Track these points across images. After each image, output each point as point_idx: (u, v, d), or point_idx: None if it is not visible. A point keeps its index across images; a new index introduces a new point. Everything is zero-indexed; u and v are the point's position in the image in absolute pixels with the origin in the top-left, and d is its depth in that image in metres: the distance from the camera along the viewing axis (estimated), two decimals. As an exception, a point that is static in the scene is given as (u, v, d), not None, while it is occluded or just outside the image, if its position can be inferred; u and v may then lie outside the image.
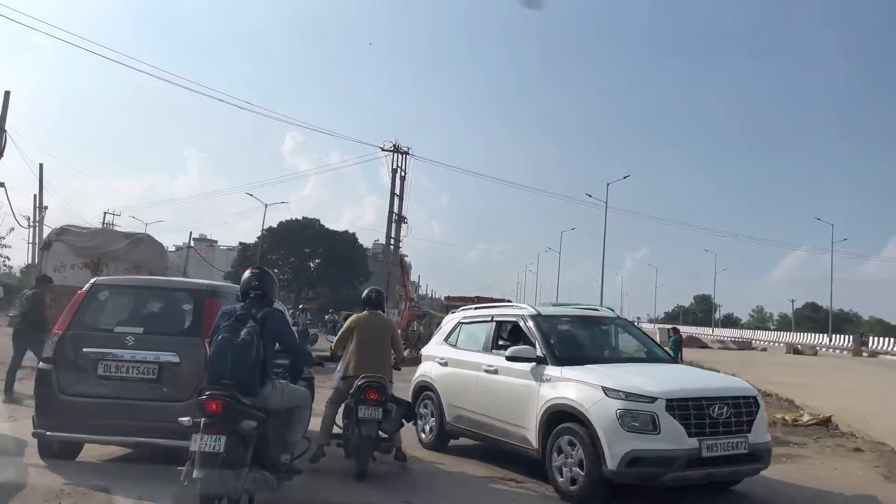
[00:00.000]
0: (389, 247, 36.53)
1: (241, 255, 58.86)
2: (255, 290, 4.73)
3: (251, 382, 4.35)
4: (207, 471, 3.97)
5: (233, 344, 4.35)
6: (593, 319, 7.47)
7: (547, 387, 5.89)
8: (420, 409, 7.65)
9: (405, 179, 36.25)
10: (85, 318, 5.76)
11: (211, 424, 4.06)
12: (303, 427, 5.08)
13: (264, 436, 4.39)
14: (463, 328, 7.81)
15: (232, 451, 4.07)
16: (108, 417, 5.40)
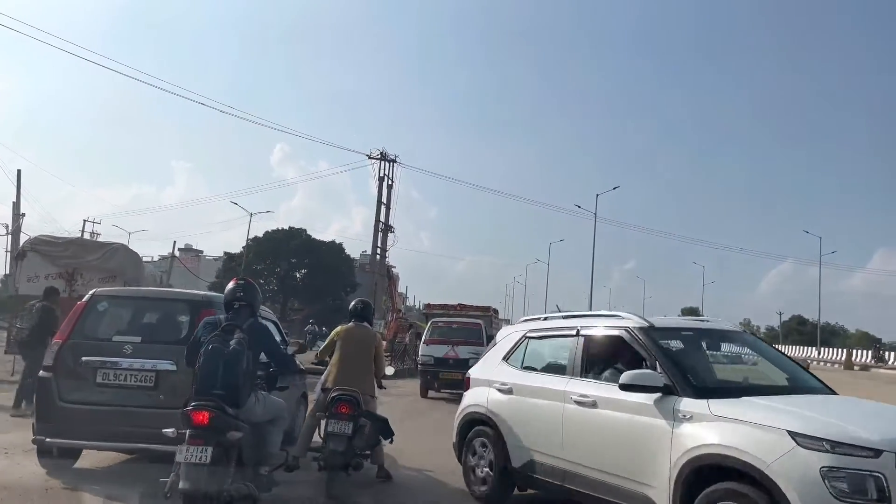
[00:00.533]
0: (376, 256, 36.39)
1: (227, 266, 58.65)
2: (240, 300, 4.73)
3: (241, 393, 4.31)
4: (192, 483, 3.95)
5: (223, 354, 4.28)
6: (720, 334, 5.67)
7: (687, 428, 4.25)
8: (471, 452, 6.15)
9: (392, 188, 36.16)
10: (84, 328, 5.94)
11: (197, 435, 4.04)
12: (280, 439, 5.01)
13: (245, 447, 4.35)
14: (531, 344, 6.20)
15: (217, 462, 4.05)
16: (106, 424, 5.54)
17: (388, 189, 36.18)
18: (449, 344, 15.89)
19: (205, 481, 3.98)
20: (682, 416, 4.32)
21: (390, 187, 36.18)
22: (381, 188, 36.10)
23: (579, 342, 5.50)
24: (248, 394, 4.41)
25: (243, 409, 4.34)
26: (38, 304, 9.85)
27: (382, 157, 35.91)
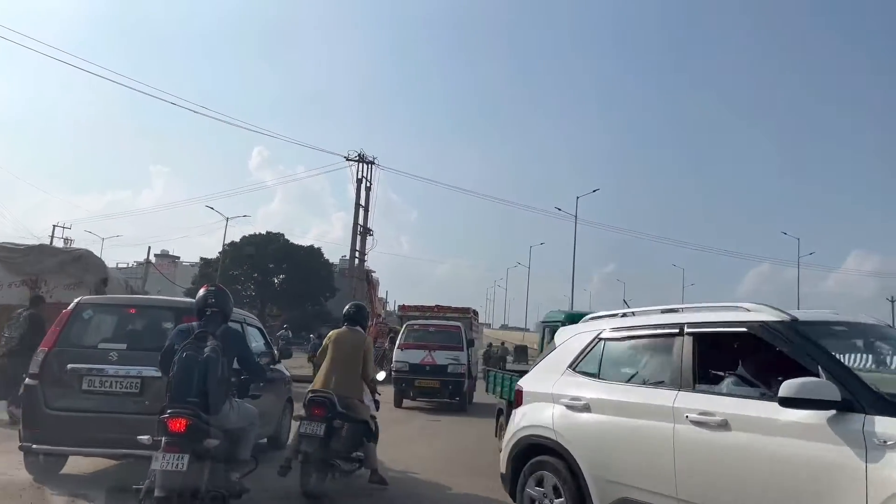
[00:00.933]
0: (354, 260, 35.96)
1: (203, 272, 58.11)
2: (212, 307, 4.68)
3: (216, 401, 4.29)
4: (169, 490, 3.94)
5: (198, 361, 4.27)
6: (874, 331, 4.28)
7: (891, 458, 2.98)
8: (530, 489, 4.88)
9: (371, 190, 35.56)
10: (70, 336, 6.03)
11: (173, 443, 4.03)
12: (251, 446, 5.00)
13: (218, 454, 4.37)
14: (609, 347, 4.87)
15: (193, 469, 4.05)
16: (92, 431, 5.62)
17: (366, 191, 35.56)
18: (426, 349, 15.10)
19: (180, 488, 3.97)
20: (877, 443, 3.05)
21: (368, 189, 35.57)
22: (360, 191, 35.44)
23: (686, 343, 4.19)
24: (222, 401, 4.40)
25: (218, 416, 4.34)
26: (26, 312, 9.77)
27: (360, 159, 35.30)
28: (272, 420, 7.84)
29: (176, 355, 4.36)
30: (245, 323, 7.29)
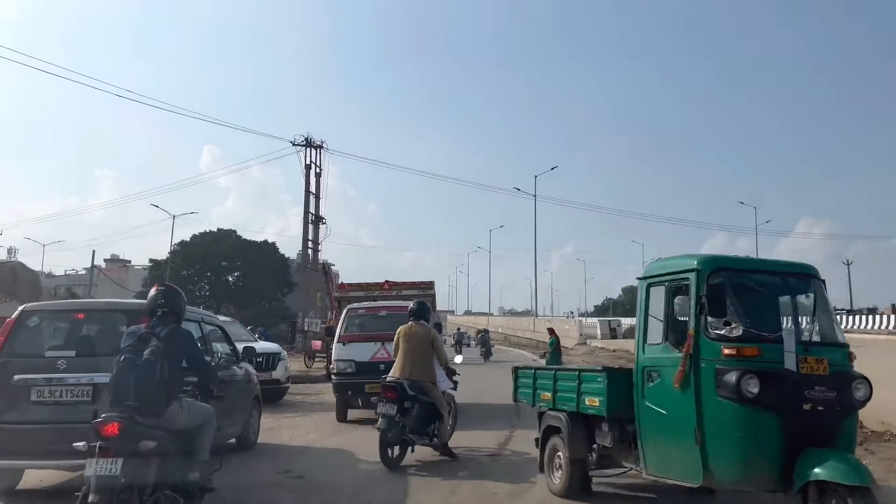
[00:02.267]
0: (307, 250, 34.94)
1: (153, 273, 56.60)
2: (162, 307, 4.69)
3: (156, 403, 4.29)
4: (104, 495, 3.89)
5: (135, 365, 4.27)
6: None
7: None
8: None
9: (321, 176, 34.45)
10: (14, 346, 5.79)
11: (106, 448, 4.00)
12: (209, 445, 4.88)
13: (170, 455, 4.31)
14: None
15: (131, 473, 3.99)
16: (45, 442, 5.42)
17: (316, 178, 34.43)
18: (376, 340, 10.73)
19: (117, 494, 3.93)
20: None
21: (318, 176, 34.49)
22: (309, 177, 34.17)
23: None
24: (165, 402, 4.36)
25: (163, 417, 4.31)
26: None
27: (307, 144, 33.94)
28: (238, 420, 7.70)
29: (116, 358, 4.37)
30: (203, 322, 7.13)
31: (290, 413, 11.78)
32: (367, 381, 9.98)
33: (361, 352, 10.75)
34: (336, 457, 7.73)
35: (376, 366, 9.93)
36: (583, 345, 33.52)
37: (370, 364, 10.32)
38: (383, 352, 10.24)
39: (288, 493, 5.97)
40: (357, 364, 10.68)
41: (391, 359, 8.57)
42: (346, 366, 10.78)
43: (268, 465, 7.02)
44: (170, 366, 4.39)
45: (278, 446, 8.38)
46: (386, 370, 9.22)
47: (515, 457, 7.69)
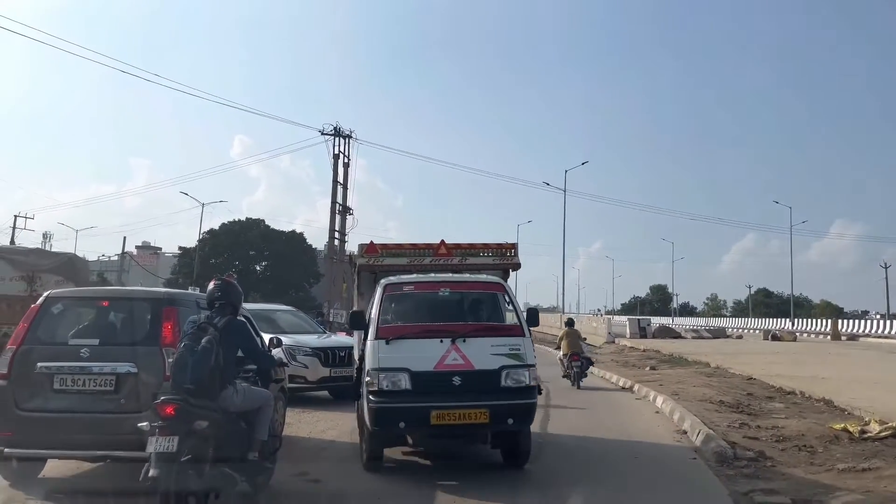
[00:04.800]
0: (334, 240, 34.91)
1: (182, 261, 57.34)
2: (219, 300, 5.09)
3: (210, 387, 4.66)
4: (163, 469, 4.25)
5: (193, 351, 4.67)
6: None
7: None
8: None
9: (349, 166, 34.25)
10: (39, 333, 5.69)
11: (165, 427, 4.38)
12: (267, 426, 5.27)
13: (227, 435, 4.70)
14: None
15: (189, 450, 4.36)
16: (66, 432, 5.34)
17: (344, 168, 34.23)
18: (440, 335, 6.51)
19: (177, 468, 4.29)
20: None
21: (347, 166, 34.31)
22: (337, 167, 33.98)
23: None
24: (219, 387, 4.72)
25: (218, 400, 4.70)
26: None
27: (336, 133, 33.82)
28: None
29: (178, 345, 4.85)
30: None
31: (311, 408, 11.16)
32: (436, 406, 6.10)
33: (419, 355, 6.36)
34: (356, 459, 7.28)
35: (447, 378, 6.18)
36: (611, 343, 32.97)
37: (437, 376, 6.20)
38: (456, 354, 6.28)
39: (300, 499, 5.75)
40: (414, 376, 6.24)
41: (471, 366, 6.17)
42: (396, 379, 6.24)
43: (283, 465, 6.09)
44: (224, 353, 4.78)
45: (296, 443, 7.98)
46: (465, 388, 6.11)
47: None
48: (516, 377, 6.23)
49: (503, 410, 6.14)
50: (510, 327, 6.69)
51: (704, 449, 7.40)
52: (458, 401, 6.10)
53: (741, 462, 6.69)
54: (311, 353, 11.31)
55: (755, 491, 5.68)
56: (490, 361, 6.27)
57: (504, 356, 6.30)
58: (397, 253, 8.18)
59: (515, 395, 6.22)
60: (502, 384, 6.19)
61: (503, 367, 6.26)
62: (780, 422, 8.96)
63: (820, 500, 5.48)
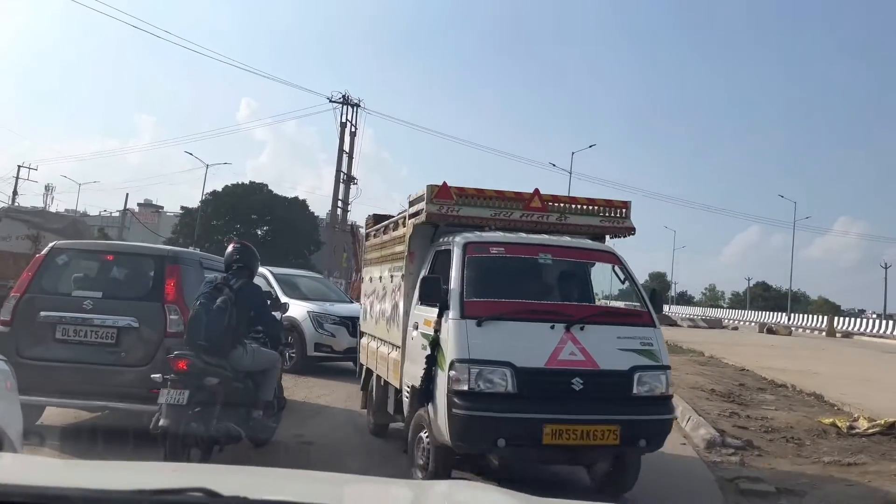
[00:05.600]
0: (337, 209, 35.01)
1: (183, 221, 57.28)
2: (237, 262, 5.28)
3: (222, 345, 4.89)
4: (172, 419, 4.53)
5: (209, 310, 4.88)
6: None
7: None
8: None
9: (355, 136, 34.26)
10: (43, 282, 5.76)
11: (177, 380, 4.64)
12: (273, 387, 5.52)
13: (234, 392, 4.97)
14: None
15: (197, 403, 4.64)
16: (66, 381, 5.42)
17: (350, 137, 34.23)
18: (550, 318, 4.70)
19: (185, 419, 4.56)
20: None
21: (353, 135, 34.29)
22: (343, 135, 33.99)
23: None
24: (230, 346, 4.95)
25: (229, 359, 4.93)
26: None
27: (344, 101, 33.75)
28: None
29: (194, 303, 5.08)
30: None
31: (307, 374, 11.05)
32: (552, 419, 4.44)
33: (525, 344, 4.63)
34: (348, 425, 7.52)
35: (565, 380, 4.51)
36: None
37: (551, 375, 4.54)
38: (574, 347, 4.61)
39: (296, 457, 5.85)
40: (520, 374, 4.49)
41: (596, 364, 4.53)
42: (496, 376, 4.47)
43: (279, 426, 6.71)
44: (238, 314, 4.96)
45: (291, 407, 8.19)
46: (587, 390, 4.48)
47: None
48: (651, 383, 4.69)
49: (636, 428, 4.60)
50: (637, 313, 5.13)
51: (693, 435, 7.49)
52: (580, 412, 4.48)
53: (729, 450, 6.78)
54: (339, 321, 10.87)
55: (741, 478, 5.76)
56: (618, 359, 4.66)
57: (634, 353, 4.72)
58: (478, 202, 5.46)
59: (650, 407, 4.70)
60: (634, 392, 4.61)
61: (635, 367, 4.65)
62: (770, 413, 9.04)
63: (803, 490, 5.57)
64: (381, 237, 6.85)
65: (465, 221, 5.35)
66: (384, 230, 6.74)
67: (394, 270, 6.07)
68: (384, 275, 6.50)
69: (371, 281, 7.22)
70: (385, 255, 6.53)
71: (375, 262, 7.06)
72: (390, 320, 6.00)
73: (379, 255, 6.86)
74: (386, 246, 6.53)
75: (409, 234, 5.63)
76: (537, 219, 5.52)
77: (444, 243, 5.30)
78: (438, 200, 5.34)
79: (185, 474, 1.68)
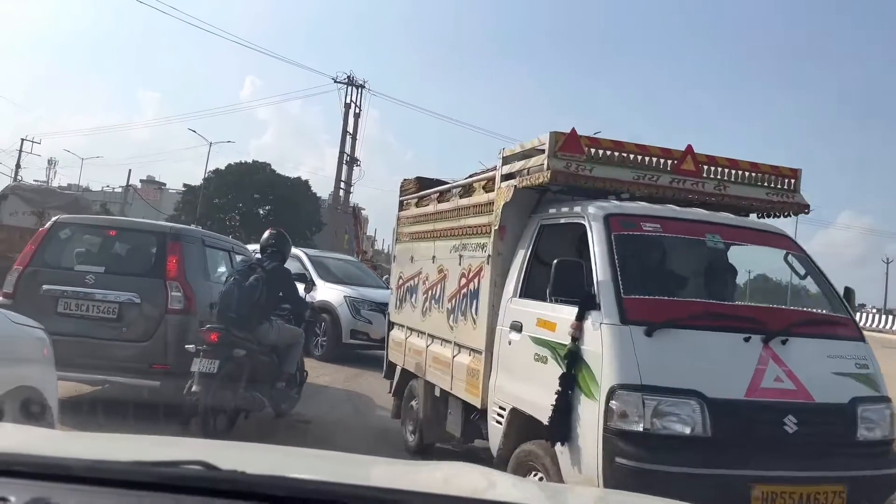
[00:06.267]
0: (339, 190, 35.10)
1: (185, 198, 57.24)
2: (272, 247, 5.75)
3: (249, 319, 5.27)
4: (203, 386, 4.93)
5: (241, 286, 5.29)
6: None
7: None
8: None
9: (360, 117, 34.36)
10: (45, 256, 5.80)
11: (208, 351, 5.03)
12: (296, 361, 5.94)
13: (260, 364, 5.38)
14: None
15: (226, 372, 5.02)
16: (67, 354, 5.43)
17: (354, 118, 34.28)
18: (743, 327, 3.32)
19: (215, 387, 4.96)
20: None
21: (357, 116, 34.36)
22: (347, 116, 34.01)
23: None
24: (258, 321, 5.33)
25: (256, 333, 5.30)
26: None
27: (349, 82, 33.69)
28: None
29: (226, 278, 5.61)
30: (233, 251, 7.08)
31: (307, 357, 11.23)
32: (762, 477, 3.10)
33: (713, 365, 3.29)
34: (346, 404, 7.62)
35: (774, 418, 3.20)
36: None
37: (756, 411, 3.20)
38: (778, 369, 3.28)
39: (294, 435, 5.90)
40: (713, 409, 3.09)
41: (808, 396, 3.28)
42: (681, 412, 3.07)
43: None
44: (267, 293, 5.36)
45: None
46: (802, 433, 3.15)
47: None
48: (876, 421, 3.37)
49: (863, 487, 3.25)
50: (840, 321, 3.78)
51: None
52: (798, 466, 3.17)
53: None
54: (376, 308, 9.90)
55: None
56: (834, 388, 3.37)
57: (851, 378, 3.41)
58: (614, 159, 4.01)
59: (876, 457, 3.39)
60: (858, 435, 3.34)
61: (856, 400, 3.35)
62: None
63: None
64: (433, 205, 5.48)
65: (599, 185, 3.91)
66: (441, 197, 5.40)
67: (467, 249, 4.69)
68: (443, 254, 5.10)
69: (412, 261, 5.82)
70: (446, 228, 5.15)
71: (421, 237, 5.72)
72: (459, 314, 4.69)
73: (430, 230, 5.48)
74: (446, 217, 5.17)
75: (503, 202, 4.18)
76: (691, 185, 4.04)
77: (558, 215, 4.00)
78: (565, 154, 3.88)
79: (184, 448, 1.71)
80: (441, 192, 5.48)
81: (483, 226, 4.45)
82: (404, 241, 6.22)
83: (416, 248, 5.79)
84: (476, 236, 4.57)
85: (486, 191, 4.57)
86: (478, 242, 4.52)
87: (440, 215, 5.34)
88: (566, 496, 1.96)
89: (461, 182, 5.17)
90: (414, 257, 5.82)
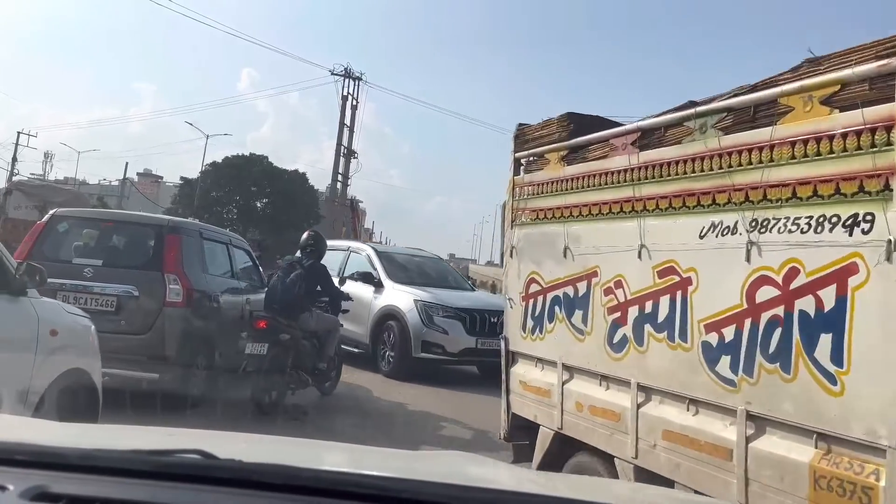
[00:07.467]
0: (336, 183, 35.07)
1: (182, 191, 57.13)
2: (311, 246, 6.51)
3: (292, 309, 6.08)
4: (255, 367, 5.88)
5: (284, 282, 6.15)
6: None
7: None
8: None
9: (357, 109, 33.97)
10: (43, 249, 5.79)
11: (258, 336, 5.93)
12: (334, 345, 6.74)
13: (302, 348, 6.14)
14: None
15: (274, 355, 5.83)
16: None
17: (352, 110, 33.96)
18: None
19: (264, 367, 5.80)
20: None
21: (355, 108, 34.03)
22: (345, 109, 33.62)
23: None
24: (299, 310, 6.13)
25: (298, 321, 6.09)
26: None
27: (346, 74, 33.33)
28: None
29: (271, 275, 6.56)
30: (231, 244, 7.10)
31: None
32: None
33: None
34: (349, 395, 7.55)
35: None
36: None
37: None
38: None
39: (293, 426, 5.91)
40: None
41: None
42: None
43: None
44: (306, 287, 6.22)
45: None
46: None
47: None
48: None
49: None
50: None
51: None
52: None
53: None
54: (453, 314, 8.58)
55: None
56: None
57: None
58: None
59: None
60: None
61: None
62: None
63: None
64: (627, 155, 3.20)
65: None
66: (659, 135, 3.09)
67: (778, 232, 2.40)
68: (675, 241, 2.89)
69: (567, 255, 3.68)
70: (684, 192, 2.86)
71: (590, 214, 3.52)
72: (751, 357, 2.46)
73: (621, 198, 3.24)
74: (683, 174, 2.86)
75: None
76: None
77: None
78: None
79: (182, 438, 1.71)
80: (652, 128, 3.12)
81: (847, 178, 2.16)
82: (537, 222, 4.00)
83: (578, 232, 3.61)
84: (813, 203, 2.28)
85: (827, 106, 2.26)
86: (825, 215, 2.23)
87: (655, 171, 3.03)
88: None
89: (746, 97, 2.65)
90: (571, 248, 3.62)
